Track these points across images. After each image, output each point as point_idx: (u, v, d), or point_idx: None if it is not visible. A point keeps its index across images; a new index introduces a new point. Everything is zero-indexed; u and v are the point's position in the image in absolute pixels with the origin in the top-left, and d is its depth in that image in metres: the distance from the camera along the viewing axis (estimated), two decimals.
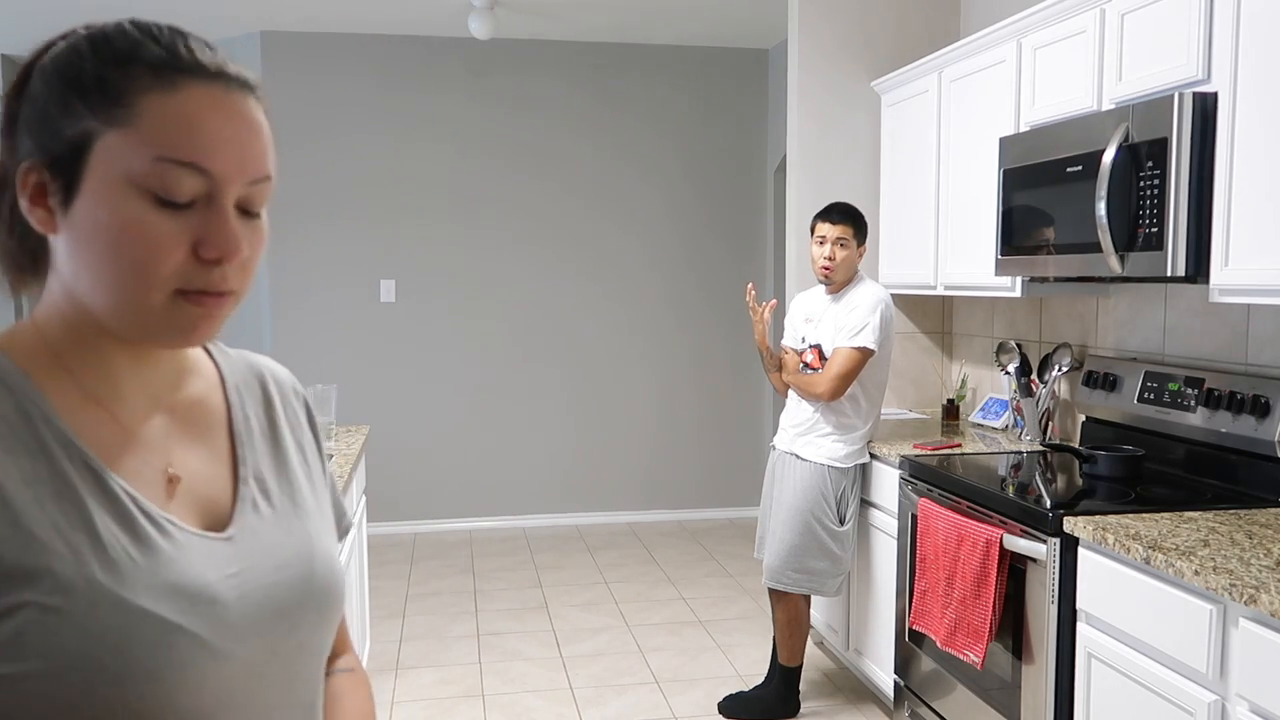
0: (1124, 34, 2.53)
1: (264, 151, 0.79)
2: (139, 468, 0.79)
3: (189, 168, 0.73)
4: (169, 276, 0.74)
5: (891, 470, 3.15)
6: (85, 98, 0.73)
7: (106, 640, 0.69)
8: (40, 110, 0.75)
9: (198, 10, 5.11)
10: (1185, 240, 2.27)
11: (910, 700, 3.02)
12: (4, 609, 0.67)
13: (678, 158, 5.97)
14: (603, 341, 5.95)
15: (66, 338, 0.78)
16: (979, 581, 2.51)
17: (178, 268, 0.74)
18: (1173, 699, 1.93)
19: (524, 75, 5.77)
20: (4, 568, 0.68)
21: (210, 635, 0.75)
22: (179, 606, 0.73)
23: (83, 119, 0.73)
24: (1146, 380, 2.83)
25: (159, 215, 0.73)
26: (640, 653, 3.98)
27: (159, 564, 0.74)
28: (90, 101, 0.73)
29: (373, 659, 3.83)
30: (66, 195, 0.73)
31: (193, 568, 0.76)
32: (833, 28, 4.03)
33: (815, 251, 3.25)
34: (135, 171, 0.72)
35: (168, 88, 0.74)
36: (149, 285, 0.74)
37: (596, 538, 5.68)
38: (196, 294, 0.75)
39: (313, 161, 5.65)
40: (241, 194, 0.77)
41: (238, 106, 0.77)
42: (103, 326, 0.77)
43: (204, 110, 0.74)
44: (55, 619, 0.68)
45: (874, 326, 3.12)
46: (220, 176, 0.75)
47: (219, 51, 0.80)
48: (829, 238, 3.21)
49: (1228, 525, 2.16)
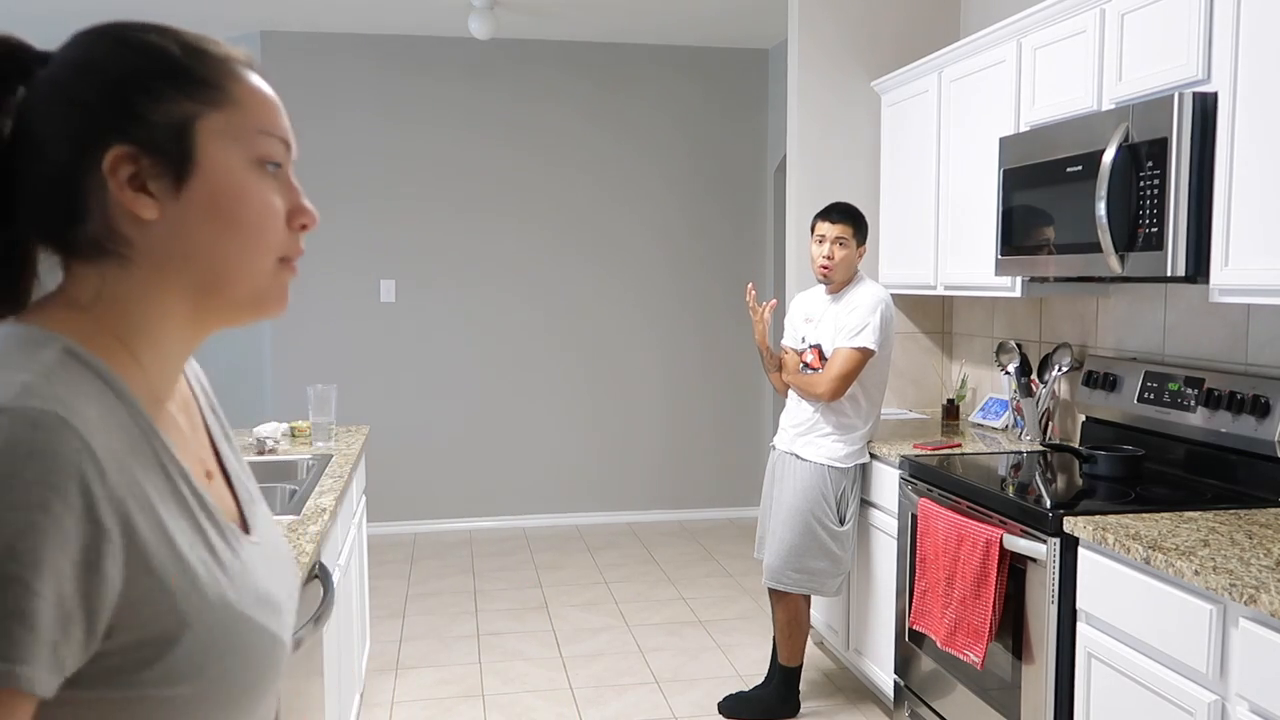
0: (1124, 34, 2.53)
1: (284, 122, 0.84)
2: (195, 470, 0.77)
3: (279, 140, 0.79)
4: (276, 244, 0.78)
5: (891, 470, 3.15)
6: (177, 83, 0.75)
7: (238, 655, 0.71)
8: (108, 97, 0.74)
9: (198, 10, 5.11)
10: (1185, 240, 2.27)
11: (910, 700, 3.02)
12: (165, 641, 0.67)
13: (678, 157, 5.97)
14: (602, 342, 5.95)
15: (138, 331, 0.75)
16: (979, 581, 2.51)
17: (281, 234, 0.78)
18: (1173, 699, 1.93)
19: (524, 76, 5.77)
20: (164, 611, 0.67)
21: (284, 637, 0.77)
22: (267, 614, 0.75)
23: (178, 103, 0.75)
24: (1146, 380, 2.83)
25: (269, 184, 0.78)
26: (640, 653, 3.98)
27: (246, 573, 0.75)
28: (184, 86, 0.75)
29: (373, 659, 3.83)
30: (178, 175, 0.74)
31: (259, 573, 0.78)
32: (833, 27, 4.03)
33: (814, 250, 3.25)
34: (247, 145, 0.77)
35: (239, 71, 0.79)
36: (267, 250, 0.77)
37: (596, 538, 5.68)
38: (290, 261, 0.79)
39: (312, 161, 5.64)
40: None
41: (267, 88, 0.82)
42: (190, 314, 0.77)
43: (266, 90, 0.81)
44: (202, 643, 0.69)
45: (874, 327, 3.12)
46: (290, 148, 0.81)
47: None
48: (828, 237, 3.21)
49: (1228, 525, 2.16)
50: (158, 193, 0.73)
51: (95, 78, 0.74)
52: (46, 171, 0.73)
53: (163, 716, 0.68)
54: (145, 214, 0.73)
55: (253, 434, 3.29)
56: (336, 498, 2.53)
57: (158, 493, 0.69)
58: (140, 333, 0.75)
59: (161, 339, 0.76)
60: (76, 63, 0.76)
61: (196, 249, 0.75)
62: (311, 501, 2.46)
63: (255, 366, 5.80)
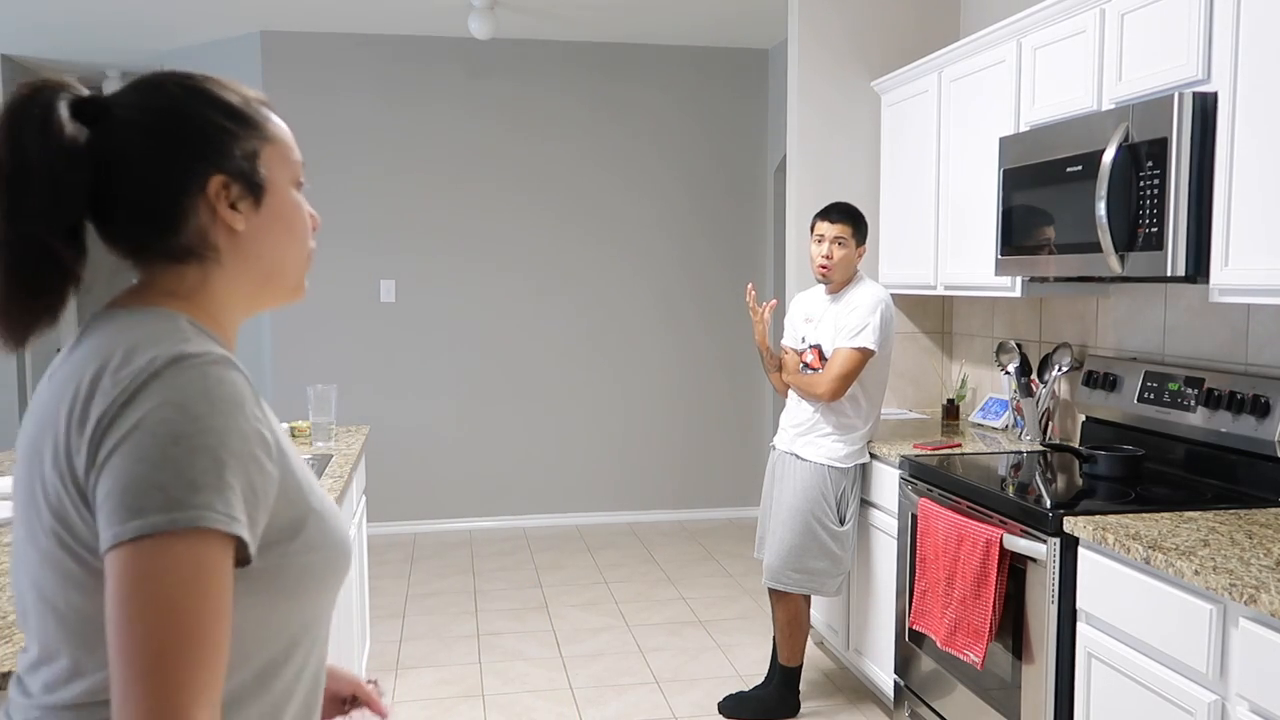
0: (1124, 34, 2.53)
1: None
2: None
3: (301, 164, 1.06)
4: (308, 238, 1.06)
5: (891, 470, 3.15)
6: (246, 125, 0.99)
7: (337, 536, 1.00)
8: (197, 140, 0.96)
9: (198, 10, 5.11)
10: (1185, 240, 2.27)
11: (910, 700, 3.02)
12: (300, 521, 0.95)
13: (678, 158, 5.97)
14: (602, 342, 5.95)
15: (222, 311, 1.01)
16: (979, 581, 2.51)
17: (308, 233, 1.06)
18: (1173, 699, 1.94)
19: (524, 75, 5.77)
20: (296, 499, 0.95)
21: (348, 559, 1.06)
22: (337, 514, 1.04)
23: (249, 140, 0.99)
24: (1146, 380, 2.83)
25: (300, 198, 1.05)
26: (640, 653, 3.98)
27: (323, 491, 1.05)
28: (251, 128, 0.99)
29: (373, 659, 3.83)
30: (258, 197, 0.99)
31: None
32: (833, 27, 4.04)
33: (814, 250, 3.26)
34: (289, 170, 1.03)
35: (269, 112, 1.03)
36: (306, 247, 1.06)
37: (596, 538, 5.68)
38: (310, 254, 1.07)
39: (312, 161, 5.59)
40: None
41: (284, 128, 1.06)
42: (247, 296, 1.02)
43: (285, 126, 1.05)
44: (321, 527, 0.97)
45: (874, 327, 3.12)
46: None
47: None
48: (827, 236, 3.22)
49: (1228, 525, 2.16)
50: (244, 210, 0.98)
51: (188, 123, 0.96)
52: (146, 196, 0.94)
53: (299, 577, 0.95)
54: (238, 226, 0.98)
55: None
56: (336, 498, 2.53)
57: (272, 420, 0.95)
58: (224, 313, 1.01)
59: (233, 319, 1.02)
60: (164, 110, 0.96)
61: (266, 250, 1.01)
62: None
63: (255, 366, 5.80)
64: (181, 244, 0.96)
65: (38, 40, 5.63)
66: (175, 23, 5.33)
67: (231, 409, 0.87)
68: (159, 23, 5.32)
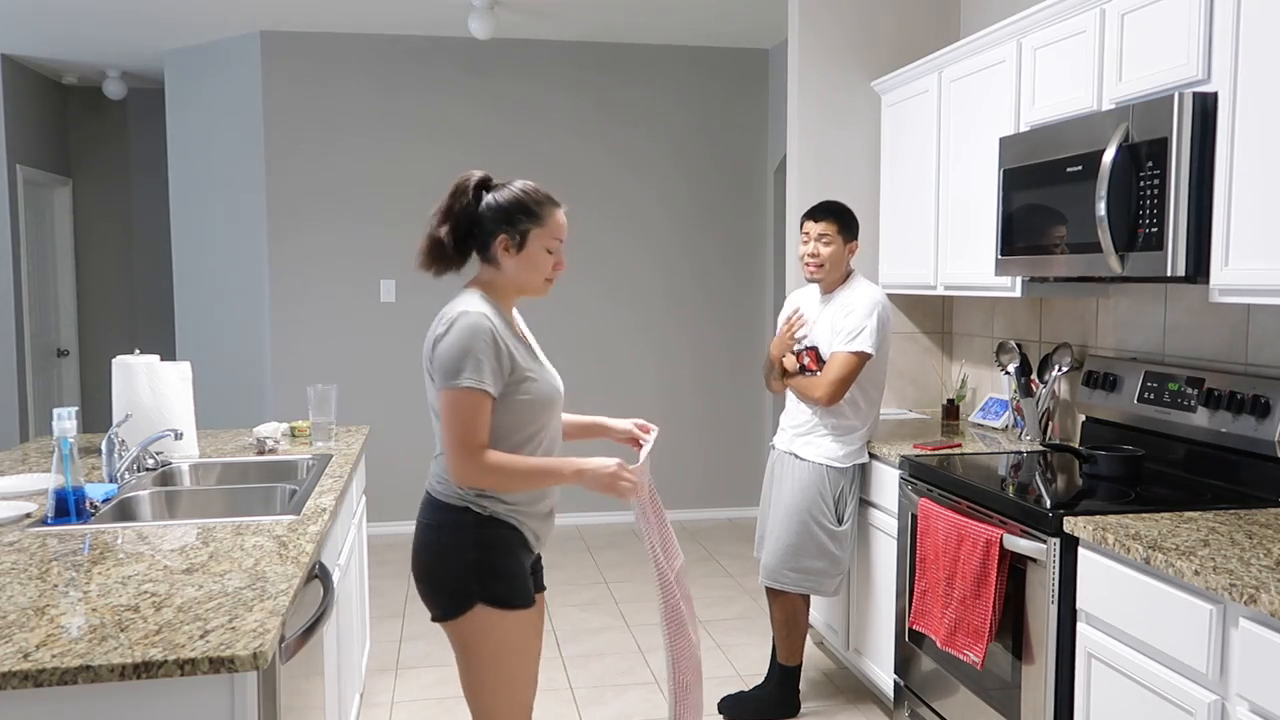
0: (1124, 34, 2.53)
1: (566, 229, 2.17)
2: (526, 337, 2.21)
3: (558, 240, 2.14)
4: (542, 276, 2.15)
5: (891, 470, 3.15)
6: (528, 213, 2.10)
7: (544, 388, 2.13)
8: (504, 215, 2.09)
9: (198, 10, 5.11)
10: (1185, 240, 2.27)
11: (910, 700, 3.02)
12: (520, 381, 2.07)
13: (678, 157, 5.97)
14: (602, 341, 5.95)
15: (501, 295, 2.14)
16: (979, 581, 2.51)
17: (545, 273, 2.14)
18: (1173, 699, 1.94)
19: (524, 75, 5.77)
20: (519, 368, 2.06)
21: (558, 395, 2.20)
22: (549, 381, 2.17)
23: (526, 220, 2.10)
24: (1146, 380, 2.83)
25: (545, 257, 2.13)
26: (640, 653, 3.98)
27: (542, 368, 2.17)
28: (529, 214, 2.10)
29: (373, 659, 3.83)
30: (520, 246, 2.10)
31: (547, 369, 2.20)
32: (833, 27, 4.04)
33: (801, 250, 3.24)
34: (544, 241, 2.12)
35: (553, 208, 2.14)
36: (541, 279, 2.15)
37: (596, 538, 5.68)
38: (549, 281, 2.16)
39: (313, 161, 5.65)
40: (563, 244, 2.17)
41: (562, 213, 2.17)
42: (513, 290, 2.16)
43: (561, 218, 2.16)
44: (534, 382, 2.10)
45: (871, 330, 3.10)
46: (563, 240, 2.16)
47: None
48: (812, 235, 3.20)
49: (1228, 525, 2.16)
50: (511, 250, 2.10)
51: (503, 208, 2.09)
52: (484, 237, 2.10)
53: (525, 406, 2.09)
54: (507, 258, 2.11)
55: (253, 434, 3.29)
56: (336, 498, 2.53)
57: (512, 339, 2.08)
58: (502, 295, 2.14)
59: (508, 297, 2.16)
60: (500, 199, 2.10)
61: (519, 273, 2.13)
62: (311, 501, 2.46)
63: (255, 366, 5.80)
64: (488, 257, 2.12)
65: (38, 40, 5.63)
66: (175, 22, 5.34)
67: (478, 333, 2.00)
68: (159, 22, 5.32)
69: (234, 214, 5.81)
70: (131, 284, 7.11)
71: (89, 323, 7.07)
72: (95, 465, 2.88)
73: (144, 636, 1.51)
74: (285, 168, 5.64)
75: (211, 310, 5.95)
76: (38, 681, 1.38)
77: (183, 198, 5.95)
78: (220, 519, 2.30)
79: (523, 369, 2.05)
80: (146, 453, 2.87)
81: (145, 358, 3.04)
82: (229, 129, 5.77)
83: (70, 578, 1.84)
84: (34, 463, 3.02)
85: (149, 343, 6.46)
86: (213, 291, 5.94)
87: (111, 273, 7.08)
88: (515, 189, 2.09)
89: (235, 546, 2.04)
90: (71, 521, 2.23)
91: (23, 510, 2.32)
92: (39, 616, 1.61)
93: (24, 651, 1.45)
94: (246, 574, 1.84)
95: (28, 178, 6.27)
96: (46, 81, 6.57)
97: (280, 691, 1.67)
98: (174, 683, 1.44)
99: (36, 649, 1.46)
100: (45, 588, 1.77)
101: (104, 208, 7.04)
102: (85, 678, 1.40)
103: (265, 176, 5.63)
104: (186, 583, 1.79)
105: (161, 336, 6.62)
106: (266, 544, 2.06)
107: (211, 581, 1.80)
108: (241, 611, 1.63)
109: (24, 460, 3.07)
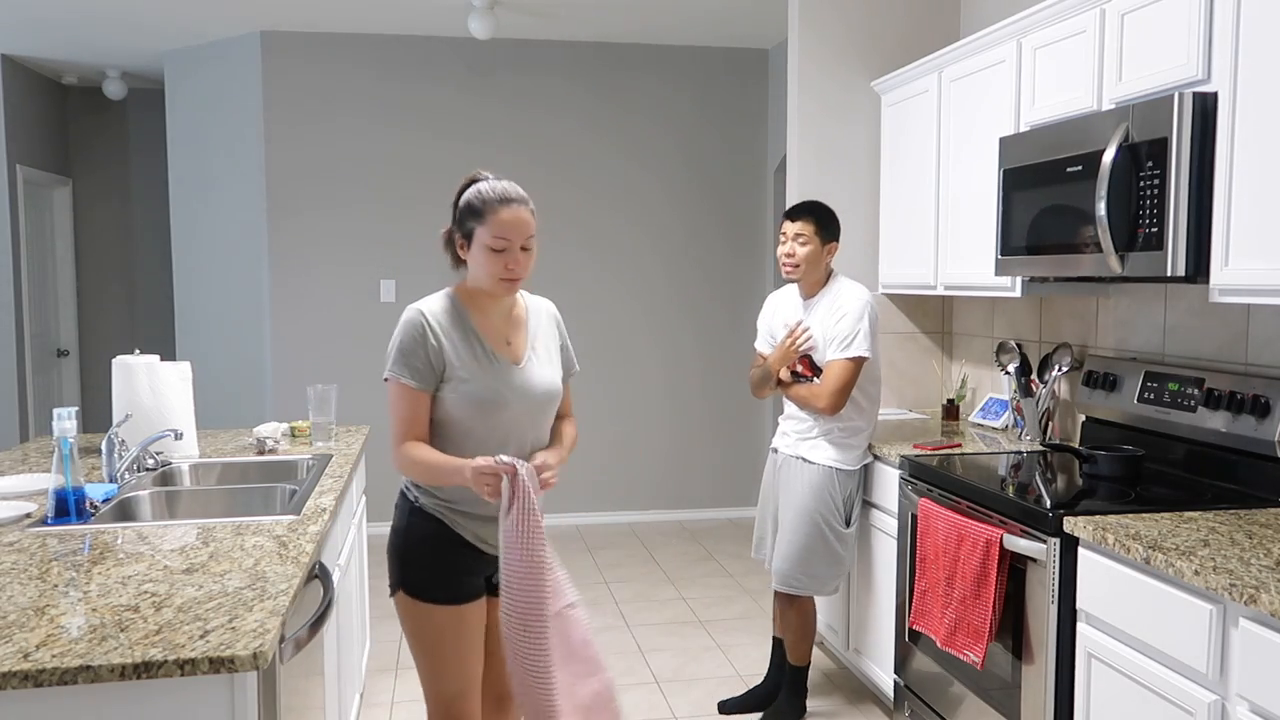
0: (1124, 34, 2.53)
1: (528, 229, 2.11)
2: (495, 339, 2.18)
3: (503, 239, 2.08)
4: (492, 276, 2.11)
5: (891, 470, 3.14)
6: (474, 214, 2.11)
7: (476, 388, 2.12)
8: (458, 215, 2.15)
9: (198, 10, 5.11)
10: (1185, 240, 2.27)
11: (910, 700, 3.02)
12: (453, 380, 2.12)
13: (678, 157, 5.97)
14: (601, 342, 5.95)
15: (469, 295, 2.18)
16: (979, 581, 2.51)
17: (495, 273, 2.11)
18: (1173, 699, 1.94)
19: (524, 75, 5.77)
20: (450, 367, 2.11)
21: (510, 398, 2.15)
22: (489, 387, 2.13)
23: (472, 222, 2.12)
24: (1146, 380, 2.83)
25: (492, 256, 2.10)
26: (640, 653, 3.98)
27: (492, 373, 2.14)
28: (476, 215, 2.11)
29: (373, 659, 3.83)
30: (469, 246, 2.13)
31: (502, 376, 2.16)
32: (833, 27, 4.04)
33: (779, 249, 3.21)
34: (488, 240, 2.09)
35: (499, 206, 2.09)
36: (490, 278, 2.11)
37: (596, 538, 5.68)
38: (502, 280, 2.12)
39: (313, 161, 5.65)
40: (522, 245, 2.10)
41: (518, 213, 2.10)
42: (479, 290, 2.16)
43: (505, 216, 2.08)
44: (465, 380, 2.12)
45: (865, 333, 3.08)
46: (511, 240, 2.09)
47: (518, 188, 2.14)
48: (789, 235, 3.16)
49: (1228, 525, 2.16)
50: (464, 249, 2.15)
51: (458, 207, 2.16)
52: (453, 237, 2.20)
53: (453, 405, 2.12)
54: (463, 256, 2.16)
55: (253, 434, 3.29)
56: (336, 498, 2.53)
57: (460, 337, 2.14)
58: (473, 295, 2.19)
59: (479, 296, 2.18)
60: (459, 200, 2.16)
61: (473, 270, 2.16)
62: (311, 501, 2.46)
63: (255, 366, 5.80)
64: (459, 259, 2.18)
65: (38, 40, 5.63)
66: (175, 23, 5.33)
67: (407, 328, 2.11)
68: (159, 22, 5.32)
69: (234, 214, 5.81)
70: (131, 284, 7.11)
71: (89, 323, 7.07)
72: (95, 465, 2.88)
73: (144, 636, 1.51)
74: (285, 167, 5.64)
75: (211, 310, 5.95)
76: (38, 681, 1.39)
77: (182, 197, 5.95)
78: (220, 519, 2.30)
79: (454, 368, 2.09)
80: (146, 453, 2.87)
81: (145, 358, 3.04)
82: (229, 129, 5.77)
83: (70, 578, 1.84)
84: (34, 463, 3.02)
85: (149, 343, 6.46)
86: (213, 291, 5.94)
87: (111, 273, 7.08)
88: (472, 189, 2.12)
89: (235, 546, 2.04)
90: (71, 521, 2.23)
91: (23, 510, 2.32)
92: (39, 616, 1.61)
93: (24, 651, 1.45)
94: (246, 574, 1.85)
95: (28, 178, 6.27)
96: (46, 81, 6.57)
97: (280, 691, 1.67)
98: (174, 683, 1.44)
99: (36, 649, 1.46)
100: (45, 588, 1.77)
101: (104, 208, 7.04)
102: (85, 678, 1.40)
103: (265, 176, 5.63)
104: (186, 583, 1.79)
105: (161, 336, 6.62)
106: (266, 544, 2.06)
107: (211, 581, 1.80)
108: (241, 611, 1.63)
109: (24, 460, 3.07)
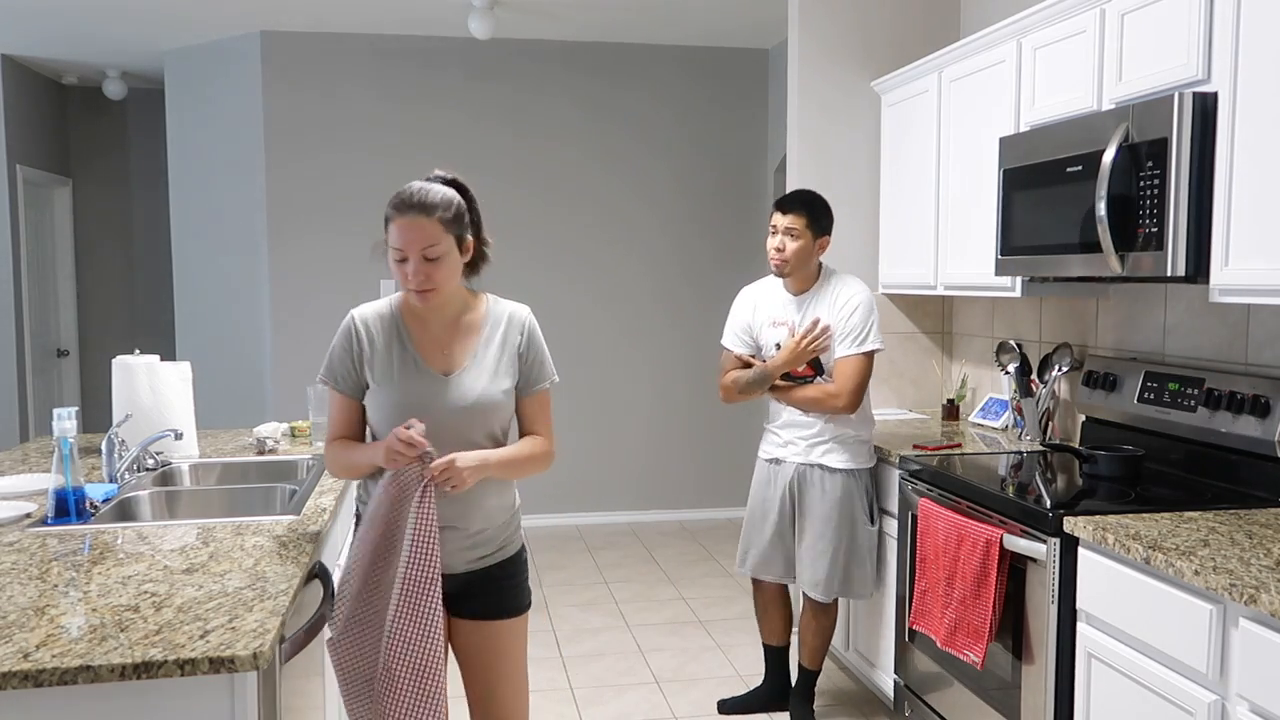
0: (1124, 34, 2.53)
1: (426, 239, 1.97)
2: (429, 347, 2.10)
3: (398, 249, 1.98)
4: (403, 284, 2.01)
5: (892, 470, 3.14)
6: (386, 221, 2.02)
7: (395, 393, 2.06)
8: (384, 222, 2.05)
9: (198, 10, 5.11)
10: (1185, 240, 2.27)
11: (910, 700, 3.02)
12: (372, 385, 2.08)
13: (677, 158, 5.97)
14: (601, 341, 5.95)
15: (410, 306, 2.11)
16: (979, 581, 2.51)
17: (403, 281, 2.01)
18: (1173, 699, 1.94)
19: (524, 75, 5.77)
20: (371, 372, 2.08)
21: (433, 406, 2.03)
22: (410, 393, 2.05)
23: (386, 229, 2.02)
24: (1146, 380, 2.83)
25: (398, 266, 2.00)
26: (640, 653, 3.98)
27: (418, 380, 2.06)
28: (386, 222, 2.02)
29: None
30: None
31: (425, 385, 2.07)
32: (833, 28, 4.04)
33: (769, 242, 3.14)
34: (390, 252, 2.00)
35: (391, 217, 2.00)
36: (405, 287, 2.02)
37: (596, 538, 5.68)
38: (412, 292, 2.02)
39: (313, 161, 5.65)
40: (425, 255, 1.98)
41: (413, 221, 1.97)
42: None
43: (399, 226, 1.98)
44: (384, 384, 2.07)
45: (875, 326, 3.07)
46: (408, 250, 1.98)
47: (421, 195, 2.01)
48: (779, 228, 3.09)
49: (1228, 525, 2.16)
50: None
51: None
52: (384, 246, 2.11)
53: (371, 409, 2.10)
54: None
55: (253, 434, 3.29)
56: (336, 498, 2.53)
57: (386, 341, 2.09)
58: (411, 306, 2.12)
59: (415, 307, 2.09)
60: None
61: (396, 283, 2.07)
62: (311, 501, 2.46)
63: (255, 366, 5.80)
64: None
65: (38, 40, 5.62)
66: (175, 23, 5.33)
67: (340, 330, 2.12)
68: (159, 23, 5.32)
69: (234, 214, 5.81)
70: (131, 284, 7.11)
71: (89, 323, 7.07)
72: (95, 465, 2.88)
73: (144, 636, 1.51)
74: (285, 167, 5.64)
75: (211, 310, 5.95)
76: (38, 681, 1.39)
77: (183, 197, 5.95)
78: (220, 519, 2.30)
79: (377, 374, 2.06)
80: (146, 453, 2.87)
81: (145, 358, 3.04)
82: (229, 129, 5.77)
83: (70, 578, 1.84)
84: (34, 463, 3.02)
85: (149, 343, 6.45)
86: (213, 291, 5.94)
87: (111, 273, 7.08)
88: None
89: (235, 546, 2.04)
90: (71, 521, 2.23)
91: (23, 510, 2.32)
92: (39, 616, 1.61)
93: (24, 651, 1.45)
94: (246, 574, 1.85)
95: (28, 178, 6.27)
96: (46, 81, 6.57)
97: (280, 691, 1.67)
98: (174, 683, 1.44)
99: (36, 649, 1.46)
100: (45, 588, 1.77)
101: (104, 208, 7.04)
102: (85, 678, 1.40)
103: (265, 176, 5.63)
104: (186, 583, 1.79)
105: (161, 336, 6.62)
106: (266, 544, 2.06)
107: (211, 581, 1.80)
108: (241, 612, 1.63)
109: (24, 460, 3.07)
